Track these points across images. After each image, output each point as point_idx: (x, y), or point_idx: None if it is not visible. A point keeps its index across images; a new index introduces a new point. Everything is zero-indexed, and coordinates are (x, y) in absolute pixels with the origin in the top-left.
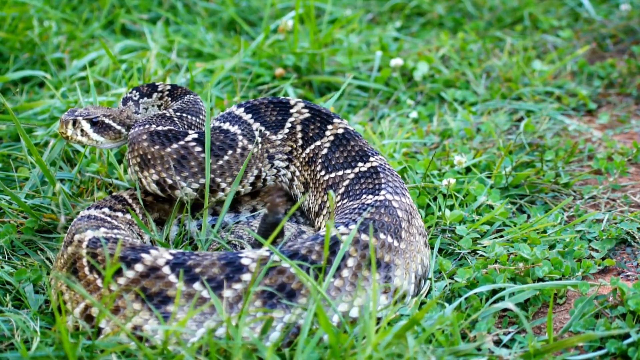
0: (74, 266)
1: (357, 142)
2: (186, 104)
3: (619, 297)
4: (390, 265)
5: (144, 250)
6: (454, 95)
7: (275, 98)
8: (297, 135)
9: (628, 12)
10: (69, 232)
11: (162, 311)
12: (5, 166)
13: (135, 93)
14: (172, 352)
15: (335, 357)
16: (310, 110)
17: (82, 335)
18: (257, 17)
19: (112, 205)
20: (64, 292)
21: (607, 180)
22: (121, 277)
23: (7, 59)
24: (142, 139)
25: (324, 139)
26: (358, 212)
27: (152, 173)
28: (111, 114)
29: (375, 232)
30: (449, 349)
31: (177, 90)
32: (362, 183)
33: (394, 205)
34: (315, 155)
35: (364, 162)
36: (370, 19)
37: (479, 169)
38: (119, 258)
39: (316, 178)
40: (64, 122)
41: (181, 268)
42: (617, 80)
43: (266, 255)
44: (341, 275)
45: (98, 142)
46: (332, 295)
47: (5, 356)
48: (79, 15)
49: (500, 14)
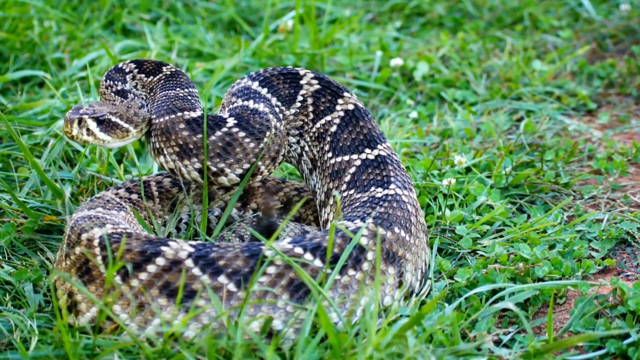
0: (86, 266)
1: (366, 124)
2: (176, 78)
3: (619, 297)
4: (402, 260)
5: (163, 243)
6: (454, 95)
7: (285, 68)
8: (308, 109)
9: (628, 12)
10: (73, 232)
11: (188, 305)
12: (5, 166)
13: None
14: (171, 352)
15: (336, 357)
16: (320, 81)
17: (80, 333)
18: (257, 17)
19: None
20: (74, 292)
21: (607, 180)
22: (142, 272)
23: (7, 59)
24: (181, 127)
25: (334, 113)
26: (371, 205)
27: (194, 162)
28: (117, 112)
29: (390, 225)
30: (449, 349)
31: (144, 65)
32: (370, 173)
33: (404, 200)
34: (325, 131)
35: (371, 149)
36: (370, 19)
37: (479, 169)
38: (139, 253)
39: (323, 159)
40: (69, 121)
41: (204, 261)
42: (617, 80)
43: (289, 247)
44: (362, 268)
45: (105, 141)
46: (355, 288)
47: (5, 356)
48: (79, 15)
49: (500, 14)
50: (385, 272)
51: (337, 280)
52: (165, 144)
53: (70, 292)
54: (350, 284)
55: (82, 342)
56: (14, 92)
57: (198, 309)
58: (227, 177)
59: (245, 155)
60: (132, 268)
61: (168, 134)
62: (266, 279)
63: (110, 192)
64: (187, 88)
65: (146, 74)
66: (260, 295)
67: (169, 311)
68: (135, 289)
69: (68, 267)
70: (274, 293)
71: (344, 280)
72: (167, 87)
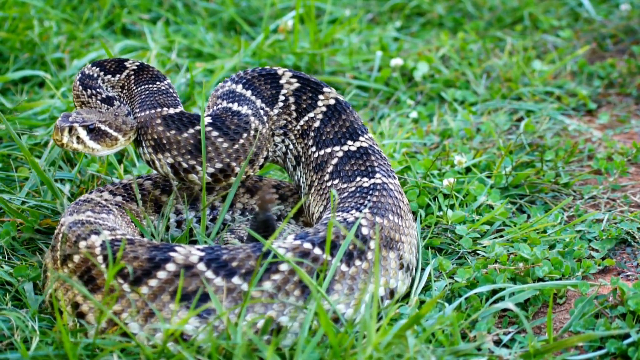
0: (88, 274)
1: (348, 116)
2: (147, 71)
3: (619, 297)
4: (399, 243)
5: (170, 249)
6: (454, 95)
7: (263, 69)
8: (291, 108)
9: (628, 12)
10: (68, 240)
11: (204, 309)
12: (5, 166)
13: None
14: (172, 352)
15: (336, 357)
16: (298, 79)
17: (80, 333)
18: (257, 17)
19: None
20: (80, 303)
21: (607, 180)
22: (152, 278)
23: (7, 59)
24: (157, 122)
25: (317, 109)
26: (361, 195)
27: (167, 156)
28: (106, 120)
29: (385, 214)
30: (449, 349)
31: (105, 65)
32: (353, 164)
33: (391, 188)
34: (309, 127)
35: (353, 141)
36: (370, 19)
37: (479, 169)
38: (147, 260)
39: (307, 154)
40: (59, 129)
41: (216, 263)
42: (617, 80)
43: (298, 243)
44: (367, 258)
45: (94, 149)
46: (362, 277)
47: (5, 356)
48: (79, 15)
49: (500, 13)
50: (387, 258)
51: (344, 272)
52: (143, 137)
53: (76, 303)
54: (357, 274)
55: (82, 342)
56: (14, 92)
57: (210, 313)
58: (197, 174)
59: (218, 154)
60: (141, 275)
61: (145, 128)
62: (279, 277)
63: (94, 194)
64: (164, 80)
65: (112, 74)
66: (272, 293)
67: (181, 316)
68: (146, 296)
69: (69, 274)
70: (286, 290)
71: (352, 271)
72: (143, 81)
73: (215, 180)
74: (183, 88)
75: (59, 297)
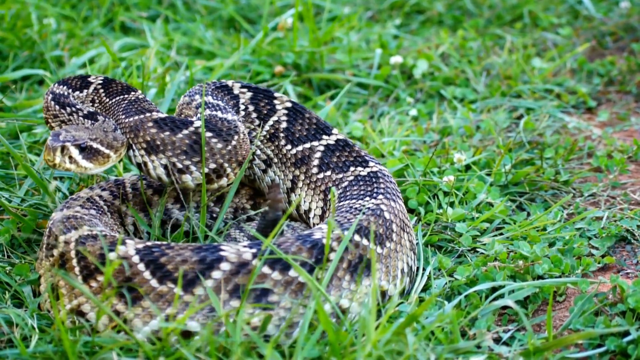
0: (131, 282)
1: (310, 115)
2: (115, 84)
3: (618, 294)
4: (407, 226)
5: (218, 249)
6: (453, 92)
7: (215, 83)
8: (252, 115)
9: (628, 9)
10: (52, 234)
11: (264, 303)
12: (4, 164)
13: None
14: (172, 348)
15: (335, 355)
16: (249, 89)
17: (79, 330)
18: (257, 15)
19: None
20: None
21: (607, 178)
22: (208, 279)
23: (6, 57)
24: (149, 125)
25: (279, 112)
26: (365, 183)
27: (160, 157)
28: (97, 137)
29: (394, 198)
30: (449, 347)
31: (70, 82)
32: (339, 155)
33: (387, 174)
34: (277, 129)
35: (328, 135)
36: (370, 17)
37: (479, 167)
38: (197, 262)
39: (282, 153)
40: (52, 149)
41: (270, 258)
42: (617, 78)
43: (338, 234)
44: (393, 239)
45: (87, 168)
46: (392, 257)
47: (5, 353)
48: (78, 12)
49: (499, 11)
50: (403, 239)
51: (380, 254)
52: (134, 140)
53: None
54: (389, 254)
55: (81, 339)
56: (13, 90)
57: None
58: (192, 174)
59: (212, 155)
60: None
61: (137, 131)
62: (332, 265)
63: (83, 192)
64: (137, 90)
65: (79, 90)
66: (331, 282)
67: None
68: (202, 297)
69: (96, 289)
70: (338, 277)
71: (385, 252)
72: (115, 93)
73: (208, 181)
74: (182, 86)
75: (59, 295)
